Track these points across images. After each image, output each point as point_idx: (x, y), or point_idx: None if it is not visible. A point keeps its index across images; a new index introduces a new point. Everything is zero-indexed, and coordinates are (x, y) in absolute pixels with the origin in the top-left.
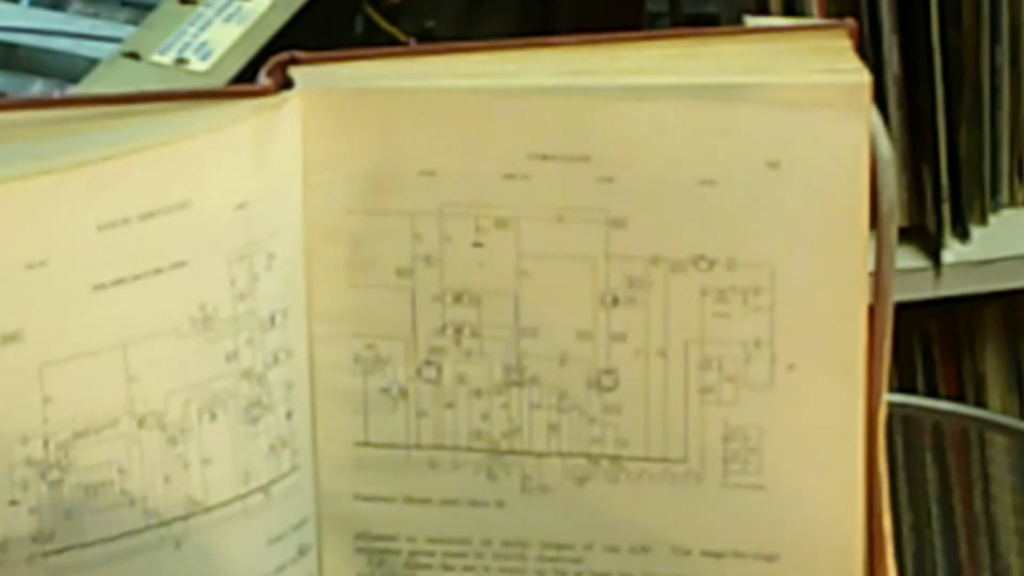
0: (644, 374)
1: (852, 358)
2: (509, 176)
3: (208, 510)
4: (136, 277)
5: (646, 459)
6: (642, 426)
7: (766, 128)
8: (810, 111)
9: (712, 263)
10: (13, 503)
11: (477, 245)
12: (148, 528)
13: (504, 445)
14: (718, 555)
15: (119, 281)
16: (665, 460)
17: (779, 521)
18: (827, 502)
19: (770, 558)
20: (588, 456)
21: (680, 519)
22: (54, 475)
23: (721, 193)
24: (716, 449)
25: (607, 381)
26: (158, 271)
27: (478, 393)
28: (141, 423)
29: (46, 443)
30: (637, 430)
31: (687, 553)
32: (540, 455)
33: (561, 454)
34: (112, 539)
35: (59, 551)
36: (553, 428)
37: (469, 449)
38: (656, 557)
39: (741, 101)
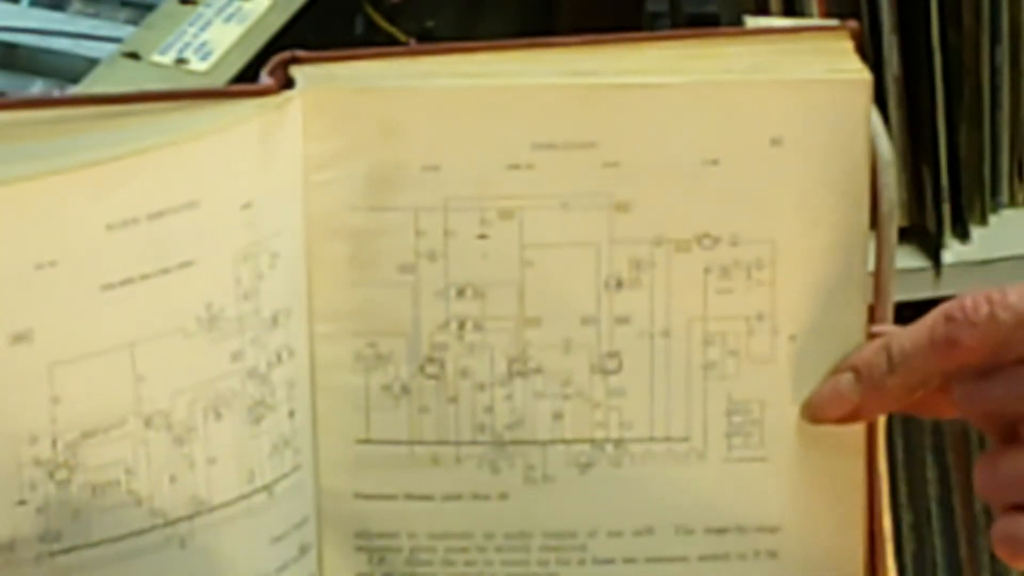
0: (648, 355)
1: (853, 327)
2: (514, 166)
3: (213, 510)
4: (144, 277)
5: (650, 439)
6: (646, 407)
7: (768, 105)
8: (812, 87)
9: (716, 240)
10: (21, 503)
11: (481, 237)
12: (154, 528)
13: (508, 436)
14: (721, 531)
15: (127, 281)
16: (668, 439)
17: (781, 492)
18: (828, 470)
19: (772, 530)
20: (592, 442)
21: (683, 498)
22: (62, 475)
23: (725, 172)
24: (719, 424)
25: (611, 364)
26: (165, 271)
27: (481, 386)
28: (148, 423)
29: (54, 443)
30: (641, 411)
31: (690, 532)
32: (544, 444)
33: (565, 441)
34: (118, 539)
35: (66, 551)
36: (557, 416)
37: (472, 443)
38: (659, 539)
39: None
